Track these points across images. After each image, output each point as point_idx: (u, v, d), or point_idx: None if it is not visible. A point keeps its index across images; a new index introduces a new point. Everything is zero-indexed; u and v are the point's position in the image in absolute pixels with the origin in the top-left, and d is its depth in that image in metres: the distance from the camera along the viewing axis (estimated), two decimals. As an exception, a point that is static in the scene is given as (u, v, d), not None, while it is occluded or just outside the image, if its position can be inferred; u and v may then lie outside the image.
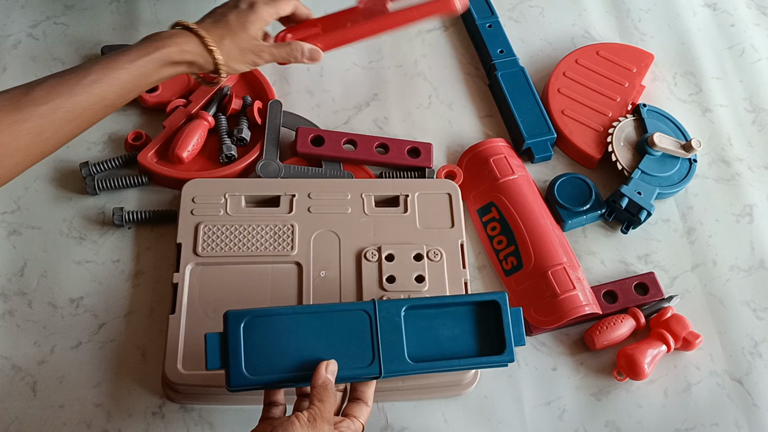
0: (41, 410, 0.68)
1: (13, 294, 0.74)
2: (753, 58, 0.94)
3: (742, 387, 0.73)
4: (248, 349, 0.57)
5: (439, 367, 0.60)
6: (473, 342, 0.62)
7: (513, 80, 0.87)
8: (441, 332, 0.62)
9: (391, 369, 0.59)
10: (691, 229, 0.82)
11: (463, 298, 0.63)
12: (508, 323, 0.62)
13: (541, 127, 0.84)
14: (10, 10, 0.92)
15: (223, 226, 0.73)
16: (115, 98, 0.66)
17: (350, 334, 0.59)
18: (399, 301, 0.61)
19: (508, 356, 0.61)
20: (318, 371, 0.57)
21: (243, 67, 0.74)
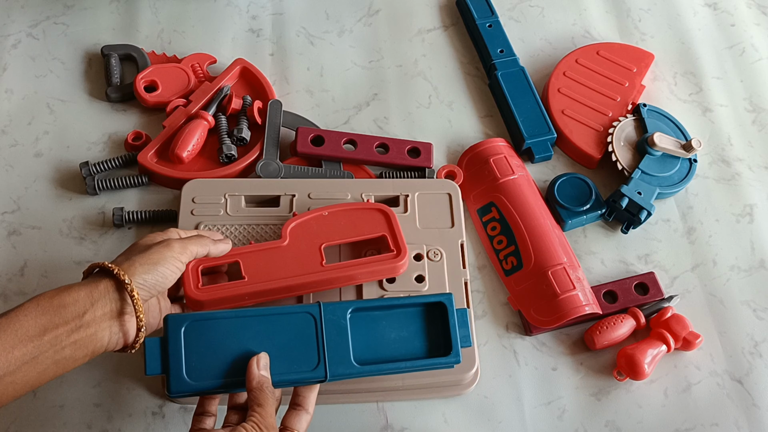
0: (41, 410, 0.68)
1: (14, 294, 0.74)
2: (753, 58, 0.94)
3: (742, 387, 0.73)
4: (189, 354, 0.56)
5: (385, 369, 0.60)
6: (420, 344, 0.62)
7: (513, 80, 0.87)
8: (388, 334, 0.61)
9: (337, 372, 0.58)
10: (691, 229, 0.82)
11: (410, 299, 0.63)
12: (454, 324, 0.62)
13: (541, 127, 0.84)
14: (10, 9, 0.92)
15: (223, 226, 0.73)
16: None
17: (295, 338, 0.58)
18: (344, 303, 0.60)
19: (454, 357, 0.61)
20: (250, 370, 0.55)
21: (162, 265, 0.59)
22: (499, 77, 0.86)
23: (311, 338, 0.59)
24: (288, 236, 0.69)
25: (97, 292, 0.55)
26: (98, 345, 0.55)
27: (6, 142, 0.82)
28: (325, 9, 0.95)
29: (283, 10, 0.94)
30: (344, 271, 0.68)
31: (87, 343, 0.55)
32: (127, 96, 0.85)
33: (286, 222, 0.70)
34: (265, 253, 0.69)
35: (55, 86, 0.87)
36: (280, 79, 0.89)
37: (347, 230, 0.71)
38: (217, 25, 0.92)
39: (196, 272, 0.67)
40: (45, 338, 0.52)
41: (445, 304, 0.62)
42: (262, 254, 0.68)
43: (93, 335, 0.55)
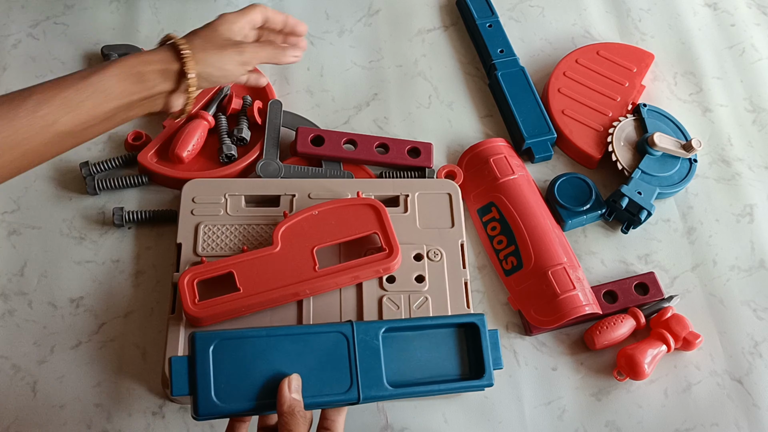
0: (41, 410, 0.68)
1: (13, 294, 0.74)
2: (753, 58, 0.94)
3: (742, 387, 0.73)
4: (218, 374, 0.54)
5: (417, 392, 0.58)
6: (452, 365, 0.60)
7: (513, 80, 0.86)
8: (419, 355, 0.60)
9: (370, 394, 0.56)
10: (691, 229, 0.82)
11: (442, 319, 0.61)
12: (486, 346, 0.61)
13: (541, 127, 0.84)
14: (10, 9, 0.92)
15: (224, 226, 0.73)
16: (71, 124, 0.58)
17: (327, 358, 0.57)
18: (376, 323, 0.59)
19: (487, 380, 0.60)
20: (281, 393, 0.53)
21: (229, 63, 0.68)
22: (499, 77, 0.86)
23: (344, 359, 0.57)
24: (279, 241, 0.69)
25: (167, 73, 0.65)
26: (157, 109, 0.67)
27: (6, 142, 0.82)
28: (325, 9, 0.95)
29: (283, 10, 0.94)
30: (338, 276, 0.69)
31: (151, 107, 0.66)
32: (127, 96, 0.85)
33: (277, 226, 0.70)
34: (258, 261, 0.69)
35: (55, 86, 0.86)
36: (280, 79, 0.89)
37: (338, 230, 0.71)
38: (217, 25, 0.92)
39: (192, 287, 0.67)
40: (123, 102, 0.62)
41: (477, 326, 0.61)
42: (255, 263, 0.69)
43: (156, 102, 0.66)
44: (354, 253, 0.72)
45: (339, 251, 0.73)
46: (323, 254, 0.71)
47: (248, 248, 0.72)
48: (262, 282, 0.68)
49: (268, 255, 0.69)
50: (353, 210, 0.72)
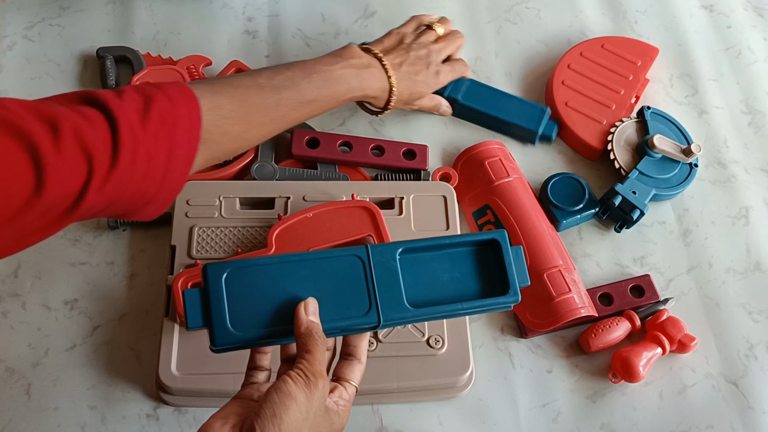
0: (35, 412, 0.68)
1: (7, 296, 0.74)
2: (749, 60, 0.94)
3: (737, 389, 0.73)
4: (232, 303, 0.52)
5: (442, 312, 0.56)
6: (475, 284, 0.57)
7: (474, 95, 0.86)
8: (440, 276, 0.57)
9: (391, 316, 0.54)
10: (686, 232, 0.82)
11: (462, 237, 0.58)
12: (510, 262, 0.57)
13: (534, 111, 0.85)
14: (6, 11, 0.92)
15: (218, 228, 0.73)
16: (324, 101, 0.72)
17: (343, 282, 0.54)
18: (393, 244, 0.56)
19: (513, 296, 0.56)
20: (298, 316, 0.51)
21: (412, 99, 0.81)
22: (462, 101, 0.85)
23: (360, 282, 0.54)
24: (274, 244, 0.69)
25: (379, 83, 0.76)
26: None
27: (1, 144, 0.82)
28: (321, 11, 0.95)
29: (279, 11, 0.94)
30: None
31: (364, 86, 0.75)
32: (122, 98, 0.85)
33: (271, 228, 0.70)
34: None
35: (50, 88, 0.86)
36: (275, 81, 0.89)
37: (332, 232, 0.71)
38: (213, 26, 0.92)
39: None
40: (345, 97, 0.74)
41: (498, 242, 0.57)
42: None
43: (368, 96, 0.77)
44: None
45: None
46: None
47: (242, 251, 0.72)
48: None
49: None
50: (348, 212, 0.72)
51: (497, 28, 0.95)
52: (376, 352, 0.68)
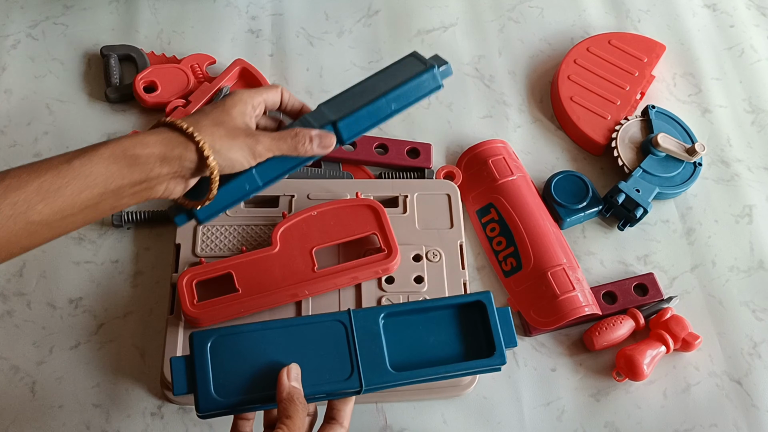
0: (40, 411, 0.68)
1: (12, 294, 0.74)
2: (752, 59, 0.94)
3: (741, 388, 0.73)
4: (217, 370, 0.54)
5: (425, 375, 0.55)
6: (461, 347, 0.57)
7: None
8: (425, 339, 0.57)
9: (373, 381, 0.54)
10: (690, 230, 0.82)
11: (446, 300, 0.58)
12: (495, 324, 0.57)
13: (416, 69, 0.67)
14: (10, 10, 0.92)
15: (222, 226, 0.73)
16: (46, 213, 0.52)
17: (325, 347, 0.55)
18: (376, 308, 0.57)
19: (499, 359, 0.56)
20: (280, 382, 0.52)
21: (239, 154, 0.58)
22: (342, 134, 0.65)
23: (343, 347, 0.55)
24: (278, 242, 0.70)
25: (172, 155, 0.55)
26: (156, 196, 0.57)
27: (5, 143, 0.82)
28: (324, 10, 0.95)
29: (283, 10, 0.94)
30: (337, 276, 0.69)
31: (147, 195, 0.57)
32: (126, 96, 0.85)
33: (276, 227, 0.70)
34: (257, 262, 0.69)
35: (54, 87, 0.87)
36: (279, 80, 0.89)
37: (337, 230, 0.71)
38: (217, 25, 0.92)
39: (191, 288, 0.67)
40: (110, 187, 0.54)
41: (484, 303, 0.57)
42: (254, 263, 0.69)
43: (154, 189, 0.57)
44: (353, 253, 0.72)
45: (338, 252, 0.73)
46: (322, 255, 0.71)
47: (247, 249, 0.72)
48: (260, 283, 0.68)
49: (267, 256, 0.69)
50: (352, 211, 0.72)
51: (500, 26, 0.95)
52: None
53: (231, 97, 0.60)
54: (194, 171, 0.57)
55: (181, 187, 0.58)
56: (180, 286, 0.67)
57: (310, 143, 0.60)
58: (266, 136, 0.59)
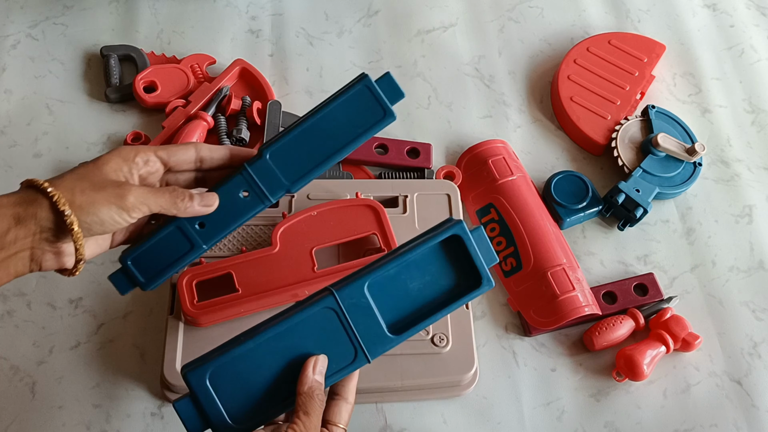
0: (40, 411, 0.68)
1: (12, 295, 0.74)
2: (752, 59, 0.94)
3: (741, 388, 0.73)
4: (225, 400, 0.52)
5: (423, 324, 0.54)
6: (448, 281, 0.56)
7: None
8: (411, 287, 0.55)
9: (378, 351, 0.54)
10: (690, 230, 0.82)
11: (420, 242, 0.55)
12: (474, 249, 0.55)
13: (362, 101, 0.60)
14: (10, 10, 0.92)
15: (222, 226, 0.73)
16: None
17: (323, 337, 0.54)
18: (358, 281, 0.54)
19: (486, 284, 0.55)
20: (304, 373, 0.51)
21: (105, 208, 0.50)
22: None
23: (339, 331, 0.54)
24: (278, 242, 0.70)
25: (26, 213, 0.49)
26: (21, 267, 0.50)
27: (5, 143, 0.82)
28: (324, 10, 0.95)
29: (283, 10, 0.94)
30: (337, 276, 0.68)
31: (10, 268, 0.49)
32: (126, 96, 0.85)
33: (276, 227, 0.70)
34: (257, 262, 0.69)
35: (54, 87, 0.87)
36: (279, 80, 0.89)
37: (337, 230, 0.71)
38: (217, 25, 0.92)
39: (191, 288, 0.67)
40: None
41: (459, 236, 0.55)
42: (254, 263, 0.69)
43: (16, 257, 0.49)
44: (353, 253, 0.72)
45: (338, 252, 0.73)
46: (322, 255, 0.71)
47: (247, 249, 0.72)
48: (260, 283, 0.68)
49: (266, 256, 0.69)
50: (352, 211, 0.72)
51: (500, 27, 0.95)
52: (381, 350, 0.68)
53: (109, 152, 0.53)
54: (56, 231, 0.49)
55: (52, 256, 0.51)
56: (180, 286, 0.67)
57: (190, 201, 0.54)
58: (139, 188, 0.52)
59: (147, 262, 0.56)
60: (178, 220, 0.56)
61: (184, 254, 0.57)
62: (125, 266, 0.56)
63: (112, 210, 0.51)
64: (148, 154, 0.54)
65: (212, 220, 0.56)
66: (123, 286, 0.57)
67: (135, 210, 0.51)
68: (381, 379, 0.67)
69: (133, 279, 0.57)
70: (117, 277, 0.57)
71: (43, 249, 0.50)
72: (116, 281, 0.57)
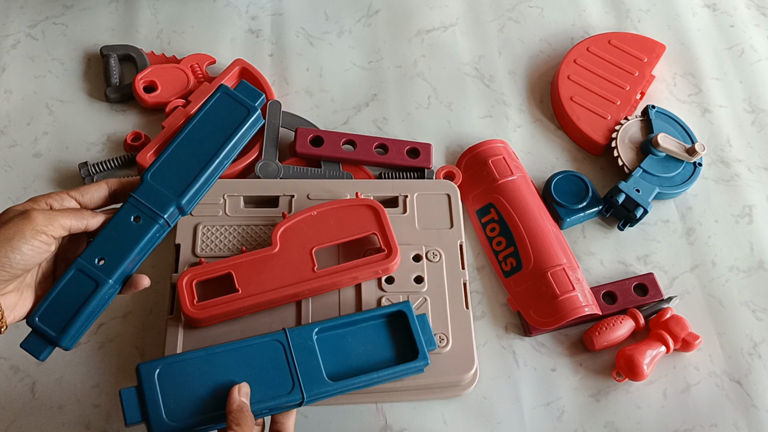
0: (40, 411, 0.68)
1: (12, 294, 0.74)
2: (752, 59, 0.94)
3: (741, 388, 0.73)
4: (167, 397, 0.57)
5: (357, 382, 0.61)
6: (389, 353, 0.64)
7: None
8: (356, 349, 0.63)
9: (312, 392, 0.59)
10: (690, 230, 0.82)
11: (371, 312, 0.64)
12: (416, 329, 0.64)
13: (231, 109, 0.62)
14: (9, 9, 0.92)
15: (222, 226, 0.73)
16: None
17: (267, 365, 0.60)
18: (309, 326, 0.62)
19: (422, 360, 0.63)
20: (231, 396, 0.56)
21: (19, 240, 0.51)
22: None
23: (283, 364, 0.60)
24: (278, 242, 0.70)
25: None
26: None
27: (5, 143, 0.82)
28: (324, 9, 0.95)
29: (283, 10, 0.94)
30: (337, 276, 0.69)
31: None
32: (126, 96, 0.85)
33: (276, 227, 0.70)
34: (257, 262, 0.69)
35: (54, 87, 0.87)
36: (279, 80, 0.89)
37: (337, 231, 0.71)
38: (217, 25, 0.92)
39: (191, 288, 0.67)
40: None
41: (404, 312, 0.65)
42: (254, 263, 0.69)
43: None
44: (353, 253, 0.72)
45: (338, 252, 0.73)
46: (322, 255, 0.71)
47: (247, 249, 0.72)
48: (261, 283, 0.68)
49: (267, 256, 0.69)
50: (352, 211, 0.72)
51: (500, 26, 0.95)
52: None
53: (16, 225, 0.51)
54: None
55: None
56: (180, 287, 0.67)
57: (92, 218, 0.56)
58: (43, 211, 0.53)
59: (56, 314, 0.55)
60: (77, 262, 0.55)
61: (91, 293, 0.55)
62: (34, 326, 0.55)
63: (26, 235, 0.51)
64: (61, 195, 0.56)
65: (110, 252, 0.56)
66: (38, 349, 0.55)
67: (48, 227, 0.52)
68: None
69: (46, 337, 0.54)
70: (29, 341, 0.55)
71: None
72: (29, 346, 0.55)
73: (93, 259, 0.55)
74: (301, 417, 0.69)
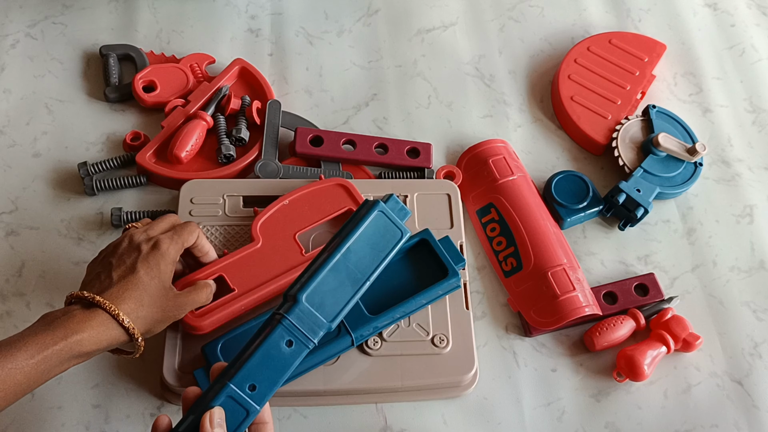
0: (39, 411, 0.68)
1: (12, 295, 0.73)
2: (753, 59, 0.94)
3: (742, 388, 0.73)
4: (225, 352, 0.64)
5: (400, 311, 0.66)
6: (420, 281, 0.68)
7: None
8: (389, 284, 0.67)
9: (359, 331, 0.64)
10: (691, 230, 0.82)
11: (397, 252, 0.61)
12: (441, 251, 0.69)
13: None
14: (9, 9, 0.91)
15: (222, 226, 0.73)
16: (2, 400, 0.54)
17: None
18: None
19: (453, 276, 0.68)
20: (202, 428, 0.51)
21: (162, 327, 0.63)
22: None
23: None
24: (260, 236, 0.70)
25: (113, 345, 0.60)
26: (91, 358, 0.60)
27: (4, 143, 0.82)
28: (324, 9, 0.95)
29: (282, 9, 0.94)
30: None
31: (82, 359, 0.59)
32: (125, 96, 0.85)
33: (253, 222, 0.71)
34: (244, 260, 0.69)
35: (53, 86, 0.86)
36: (278, 79, 0.89)
37: (313, 213, 0.73)
38: (216, 25, 0.92)
39: None
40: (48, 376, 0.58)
41: (427, 240, 0.69)
42: (242, 261, 0.69)
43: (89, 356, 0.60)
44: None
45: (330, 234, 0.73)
46: (317, 241, 0.73)
47: (229, 251, 0.71)
48: (254, 278, 0.68)
49: (252, 252, 0.70)
50: (323, 192, 0.74)
51: (501, 26, 0.95)
52: (381, 351, 0.68)
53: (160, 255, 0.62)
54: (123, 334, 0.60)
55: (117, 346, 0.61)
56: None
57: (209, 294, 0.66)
58: (188, 301, 0.64)
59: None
60: (228, 388, 0.53)
61: (241, 422, 0.53)
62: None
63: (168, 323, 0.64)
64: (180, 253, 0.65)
65: (262, 379, 0.54)
66: None
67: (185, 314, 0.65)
68: (381, 379, 0.67)
69: None
70: None
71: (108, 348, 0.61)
72: None
73: (244, 385, 0.53)
74: (301, 417, 0.69)
